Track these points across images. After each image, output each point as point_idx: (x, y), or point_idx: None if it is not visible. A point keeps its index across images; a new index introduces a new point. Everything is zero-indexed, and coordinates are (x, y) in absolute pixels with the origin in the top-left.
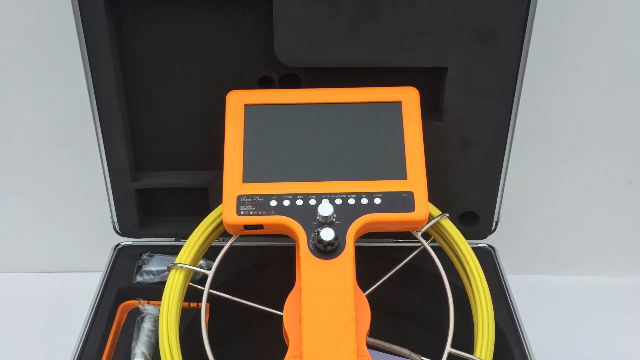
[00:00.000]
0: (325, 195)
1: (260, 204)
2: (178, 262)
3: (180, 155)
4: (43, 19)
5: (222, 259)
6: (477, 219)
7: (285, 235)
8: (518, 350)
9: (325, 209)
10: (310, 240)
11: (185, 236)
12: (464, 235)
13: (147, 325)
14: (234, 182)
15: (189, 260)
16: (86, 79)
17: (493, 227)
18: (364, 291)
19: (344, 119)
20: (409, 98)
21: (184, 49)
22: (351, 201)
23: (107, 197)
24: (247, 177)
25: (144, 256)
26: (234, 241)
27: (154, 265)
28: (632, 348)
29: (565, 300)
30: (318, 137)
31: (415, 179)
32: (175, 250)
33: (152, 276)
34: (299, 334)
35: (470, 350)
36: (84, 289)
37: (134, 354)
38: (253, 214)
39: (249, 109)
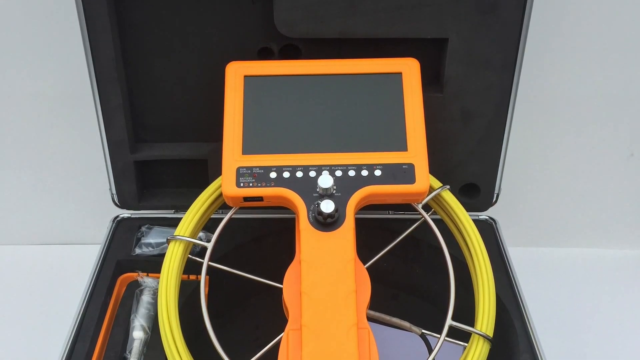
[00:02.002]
0: (325, 167)
1: (259, 176)
2: (177, 234)
3: (179, 127)
4: None
5: (221, 231)
6: (478, 191)
7: (285, 207)
8: (519, 322)
9: (325, 180)
10: (310, 212)
11: (184, 208)
12: (465, 208)
13: (146, 297)
14: (233, 154)
15: (188, 233)
16: (85, 51)
17: (494, 199)
18: (364, 263)
19: (344, 90)
20: (409, 69)
21: (183, 20)
22: (351, 173)
23: (105, 169)
24: (247, 149)
25: (143, 228)
26: (234, 213)
27: (153, 237)
28: (633, 320)
29: (566, 273)
30: (318, 109)
31: (416, 151)
32: (174, 222)
33: (151, 248)
34: (298, 306)
35: (471, 323)
36: (82, 261)
37: (133, 327)
38: (252, 186)
39: (249, 80)
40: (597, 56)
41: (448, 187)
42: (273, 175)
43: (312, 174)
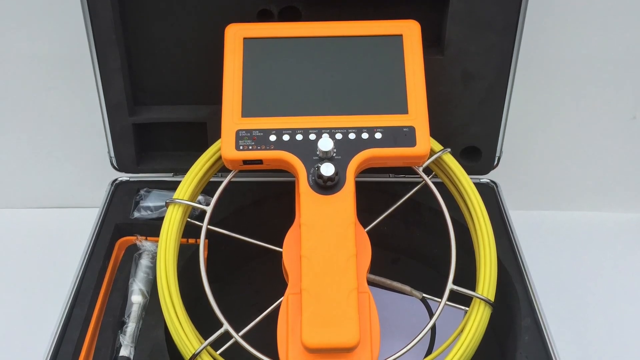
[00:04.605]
0: (326, 130)
1: (259, 139)
2: (176, 197)
3: (178, 90)
4: None
5: (220, 195)
6: (479, 154)
7: (284, 171)
8: (521, 286)
9: (326, 143)
10: (310, 175)
11: (183, 171)
12: (466, 171)
13: (144, 261)
14: (232, 117)
15: (187, 196)
16: (83, 12)
17: (495, 162)
18: (364, 227)
19: (344, 52)
20: (410, 31)
21: None
22: (352, 136)
23: (104, 132)
24: (246, 112)
25: (142, 192)
26: (233, 176)
27: (152, 200)
28: (635, 283)
29: (568, 236)
30: (318, 71)
31: (417, 114)
32: (173, 186)
33: (149, 212)
34: (298, 270)
35: (472, 287)
36: (80, 225)
37: (132, 291)
38: (252, 149)
39: (248, 42)
40: (599, 18)
41: (449, 150)
42: (273, 138)
43: (312, 136)
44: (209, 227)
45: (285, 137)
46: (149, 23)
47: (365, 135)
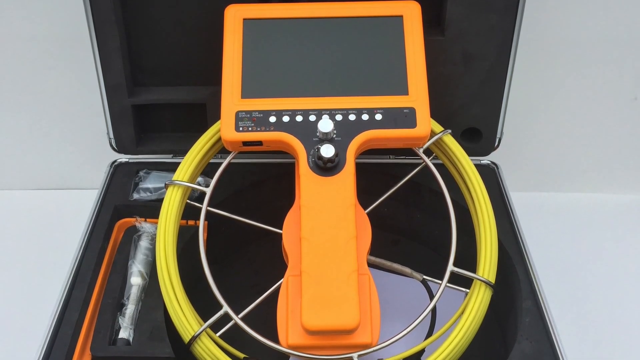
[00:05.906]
0: (326, 111)
1: (259, 120)
2: (175, 179)
3: (177, 71)
4: None
5: (220, 176)
6: (479, 135)
7: (284, 152)
8: (521, 268)
9: (326, 125)
10: (310, 157)
11: (182, 153)
12: (467, 152)
13: (144, 243)
14: (232, 98)
15: (186, 177)
16: None
17: (496, 144)
18: (364, 208)
19: (345, 33)
20: (410, 12)
21: None
22: (352, 117)
23: (103, 113)
24: (246, 93)
25: (141, 173)
26: (233, 158)
27: (151, 182)
28: (636, 265)
29: (569, 218)
30: (318, 52)
31: (417, 95)
32: (172, 167)
33: (149, 193)
34: (298, 252)
35: (473, 269)
36: (80, 207)
37: (131, 272)
38: (252, 130)
39: (248, 23)
40: None
41: (449, 131)
42: (272, 119)
43: (312, 118)
44: (208, 208)
45: (285, 119)
46: (149, 3)
47: (365, 117)
